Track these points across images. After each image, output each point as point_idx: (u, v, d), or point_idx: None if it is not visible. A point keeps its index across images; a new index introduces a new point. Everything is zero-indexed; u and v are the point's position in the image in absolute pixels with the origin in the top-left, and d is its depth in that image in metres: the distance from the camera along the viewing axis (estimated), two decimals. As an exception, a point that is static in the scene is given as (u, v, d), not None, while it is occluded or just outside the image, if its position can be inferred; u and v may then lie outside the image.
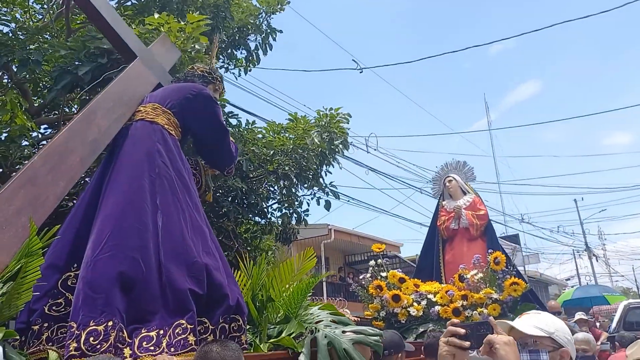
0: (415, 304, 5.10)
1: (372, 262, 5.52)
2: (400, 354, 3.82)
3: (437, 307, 5.02)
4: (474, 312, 4.87)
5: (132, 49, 3.82)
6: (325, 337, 3.12)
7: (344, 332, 3.17)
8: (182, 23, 4.71)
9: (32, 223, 2.36)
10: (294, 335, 3.18)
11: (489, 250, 5.40)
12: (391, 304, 5.06)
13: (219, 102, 3.96)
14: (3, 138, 5.30)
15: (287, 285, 3.48)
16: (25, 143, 5.40)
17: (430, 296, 5.15)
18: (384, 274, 5.33)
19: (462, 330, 1.80)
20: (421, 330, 4.98)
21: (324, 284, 20.49)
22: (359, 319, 5.53)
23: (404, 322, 5.06)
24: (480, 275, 5.15)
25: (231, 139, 4.01)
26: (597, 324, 12.02)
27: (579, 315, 9.40)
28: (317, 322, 3.30)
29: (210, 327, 2.93)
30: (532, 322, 1.95)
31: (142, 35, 4.55)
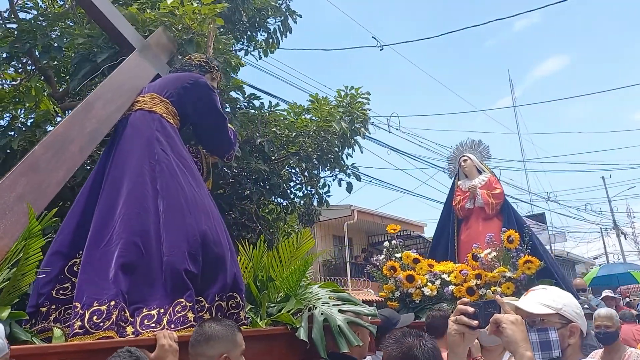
0: (429, 283, 5.16)
1: (386, 244, 5.55)
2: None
3: (451, 287, 5.07)
4: (488, 290, 4.88)
5: (129, 41, 3.96)
6: (322, 314, 3.24)
7: (341, 310, 3.28)
8: (197, 5, 4.76)
9: (30, 207, 2.56)
10: (292, 311, 3.30)
11: (503, 229, 5.37)
12: (405, 285, 5.12)
13: (216, 91, 4.08)
14: (29, 124, 5.43)
15: (286, 265, 3.60)
16: (50, 128, 5.53)
17: (445, 276, 5.19)
18: (398, 255, 5.36)
19: (471, 309, 1.83)
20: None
21: (348, 264, 20.62)
22: (382, 300, 5.58)
23: (418, 302, 5.11)
24: (494, 254, 5.15)
25: (230, 126, 4.15)
26: (626, 301, 11.90)
27: (606, 292, 9.33)
28: (315, 300, 3.42)
29: (206, 305, 3.08)
30: (538, 299, 1.94)
31: (157, 19, 4.63)
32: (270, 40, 7.86)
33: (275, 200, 7.50)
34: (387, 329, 3.88)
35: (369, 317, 3.46)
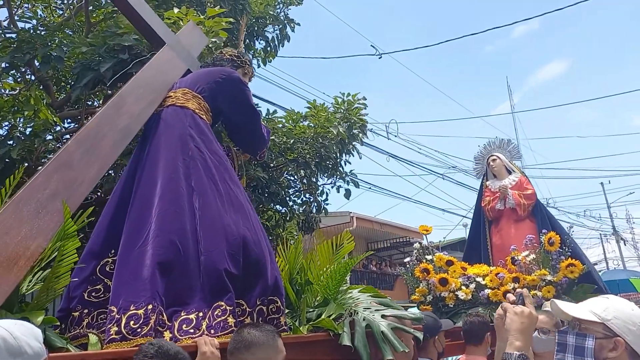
0: (463, 287, 4.99)
1: (416, 245, 5.43)
2: (436, 337, 3.82)
3: (487, 291, 4.90)
4: (528, 294, 4.72)
5: (160, 35, 3.89)
6: (364, 319, 3.13)
7: (384, 316, 3.17)
8: (202, 17, 4.80)
9: (66, 206, 2.42)
10: (333, 317, 3.18)
11: (543, 231, 5.25)
12: (438, 288, 4.98)
13: (248, 86, 4.00)
14: (28, 133, 5.42)
15: (325, 268, 3.48)
16: (49, 137, 5.55)
17: (479, 279, 5.03)
18: (429, 257, 5.22)
19: (513, 297, 2.12)
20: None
21: (348, 271, 20.58)
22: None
23: (452, 306, 4.96)
24: (533, 256, 5.01)
25: (263, 122, 4.01)
26: None
27: None
28: (356, 305, 3.31)
29: (248, 309, 2.97)
30: (590, 306, 1.94)
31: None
32: (268, 49, 8.02)
33: (274, 208, 7.59)
34: (433, 332, 3.75)
35: (412, 322, 3.31)
